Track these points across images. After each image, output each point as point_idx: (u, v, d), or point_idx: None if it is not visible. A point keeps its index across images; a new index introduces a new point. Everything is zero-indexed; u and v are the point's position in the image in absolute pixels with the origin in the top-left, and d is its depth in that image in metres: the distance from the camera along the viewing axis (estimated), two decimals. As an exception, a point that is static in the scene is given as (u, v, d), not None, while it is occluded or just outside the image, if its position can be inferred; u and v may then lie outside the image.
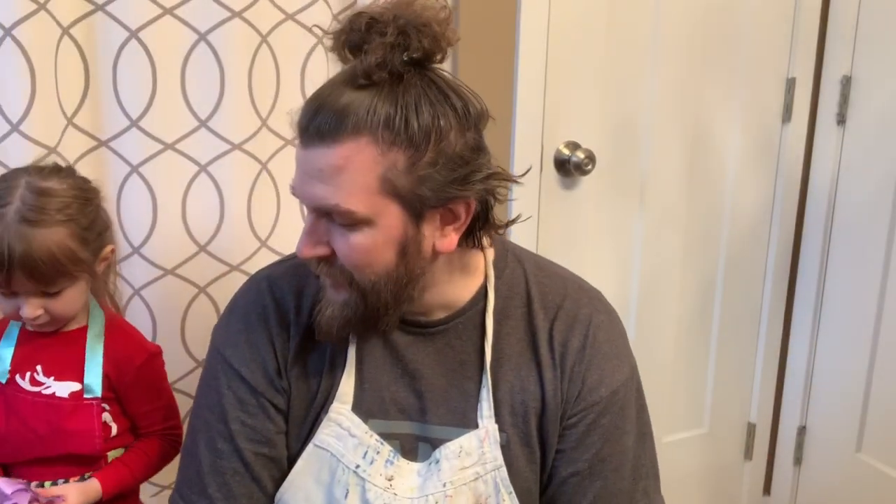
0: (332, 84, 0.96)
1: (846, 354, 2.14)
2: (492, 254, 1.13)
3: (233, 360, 1.11)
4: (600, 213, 1.97)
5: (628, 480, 1.14)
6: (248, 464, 1.11)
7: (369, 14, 0.94)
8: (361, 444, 1.09)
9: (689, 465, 2.27)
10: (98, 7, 1.41)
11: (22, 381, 1.24)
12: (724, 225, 2.13)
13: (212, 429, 1.12)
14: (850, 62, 2.05)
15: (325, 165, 0.94)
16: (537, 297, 1.12)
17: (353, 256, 0.98)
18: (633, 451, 1.14)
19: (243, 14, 1.50)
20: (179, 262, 1.56)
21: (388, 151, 0.93)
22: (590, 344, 1.11)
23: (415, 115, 0.93)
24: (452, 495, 1.08)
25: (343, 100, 0.93)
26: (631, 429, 1.14)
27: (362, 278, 1.00)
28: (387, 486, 1.09)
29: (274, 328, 1.11)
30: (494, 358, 1.10)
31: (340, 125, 0.92)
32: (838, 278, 2.15)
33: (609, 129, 1.93)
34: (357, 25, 0.94)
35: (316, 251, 0.99)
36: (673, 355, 2.16)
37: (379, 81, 0.93)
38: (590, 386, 1.10)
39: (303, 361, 1.11)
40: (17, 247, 1.11)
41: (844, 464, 2.17)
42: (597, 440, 1.11)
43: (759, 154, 2.12)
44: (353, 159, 0.93)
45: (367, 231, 0.96)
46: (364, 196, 0.94)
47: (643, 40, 1.92)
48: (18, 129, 1.35)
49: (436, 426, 1.11)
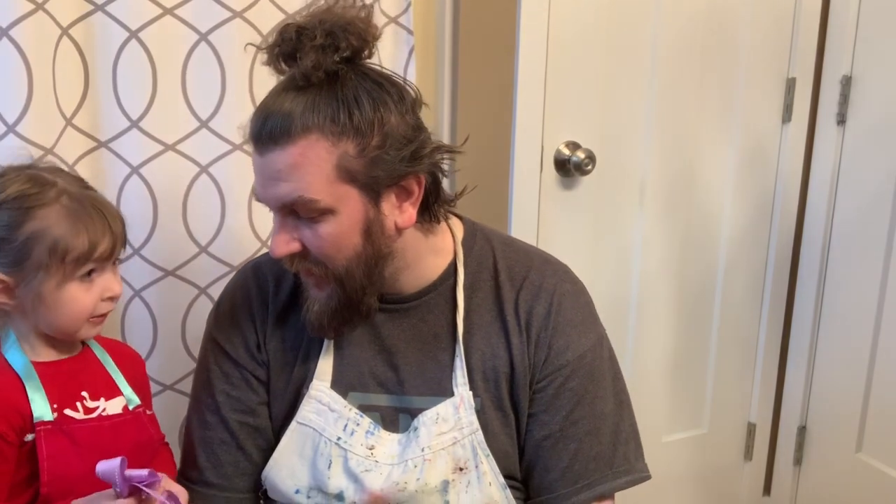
0: (275, 93, 1.05)
1: (846, 354, 2.14)
2: (461, 234, 1.20)
3: (219, 338, 1.22)
4: (600, 213, 1.97)
5: (607, 446, 1.18)
6: (233, 433, 1.20)
7: (297, 24, 1.02)
8: (341, 417, 1.16)
9: (689, 465, 2.27)
10: (98, 7, 1.41)
11: (75, 413, 1.13)
12: (723, 225, 2.13)
13: (201, 403, 1.23)
14: (850, 62, 2.05)
15: (283, 165, 1.02)
16: (504, 270, 1.19)
17: (324, 246, 1.06)
18: (611, 417, 1.19)
19: (244, 14, 1.50)
20: (180, 263, 1.55)
21: (338, 142, 1.01)
22: (555, 311, 1.16)
23: (356, 106, 1.02)
24: (431, 459, 1.14)
25: (287, 104, 1.01)
26: (605, 395, 1.19)
27: (336, 266, 1.07)
28: (367, 455, 1.15)
29: (255, 305, 1.21)
30: (465, 328, 1.17)
31: (290, 126, 1.00)
32: (838, 278, 2.15)
33: (609, 129, 1.93)
34: (287, 36, 1.02)
35: (289, 248, 1.06)
36: (672, 355, 2.16)
37: (317, 82, 1.02)
38: (556, 350, 1.16)
39: (280, 336, 1.20)
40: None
41: (844, 464, 2.17)
42: (566, 403, 1.16)
43: (759, 154, 2.12)
44: (308, 154, 1.01)
45: (332, 219, 1.04)
46: (323, 185, 1.02)
47: (643, 40, 1.92)
48: (14, 129, 1.34)
49: (414, 397, 1.17)
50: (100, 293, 1.12)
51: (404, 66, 1.68)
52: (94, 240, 1.09)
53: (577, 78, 1.86)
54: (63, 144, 1.42)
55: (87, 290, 1.11)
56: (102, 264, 1.12)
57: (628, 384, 2.08)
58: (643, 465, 1.22)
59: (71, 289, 1.09)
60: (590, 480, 1.16)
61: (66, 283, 1.09)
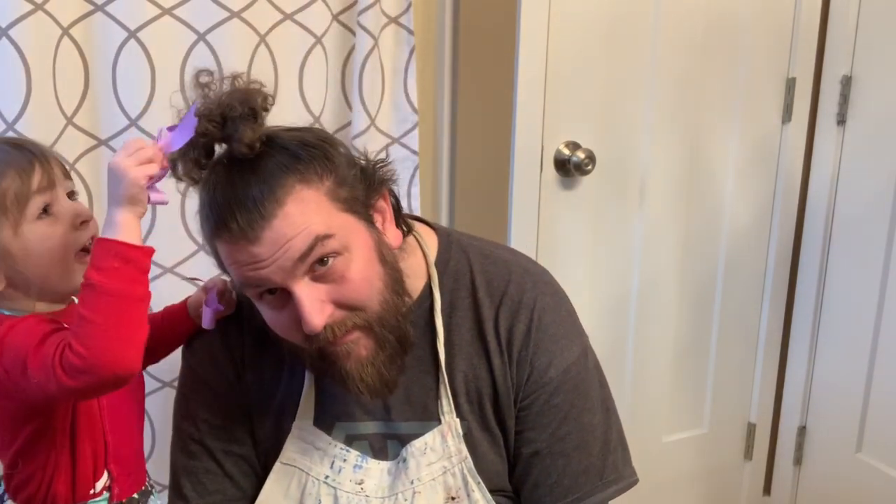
0: (223, 187, 0.97)
1: (846, 354, 2.14)
2: (434, 248, 1.16)
3: (196, 367, 1.18)
4: (600, 213, 1.97)
5: (596, 457, 1.16)
6: (219, 462, 1.18)
7: (207, 114, 0.98)
8: (326, 455, 1.14)
9: (689, 465, 2.27)
10: (97, 7, 1.41)
11: None
12: (724, 224, 2.13)
13: (183, 433, 1.19)
14: (850, 62, 2.05)
15: (287, 226, 0.96)
16: (482, 285, 1.15)
17: (358, 288, 1.00)
18: (600, 427, 1.16)
19: (242, 14, 1.50)
20: (179, 260, 1.56)
21: (319, 182, 0.98)
22: (535, 328, 1.13)
23: (304, 149, 0.98)
24: (421, 491, 1.12)
25: (251, 183, 0.96)
26: (593, 406, 1.16)
27: (373, 307, 1.02)
28: (357, 490, 1.13)
29: (231, 334, 1.16)
30: (447, 350, 1.13)
31: (274, 193, 0.95)
32: (838, 278, 2.15)
33: (609, 129, 1.93)
34: (210, 125, 0.98)
35: (326, 313, 0.99)
36: (673, 355, 2.16)
37: (260, 150, 0.97)
38: (539, 368, 1.13)
39: (258, 364, 1.16)
40: None
41: (844, 464, 2.17)
42: (552, 420, 1.13)
43: (759, 154, 2.12)
44: (303, 204, 0.96)
45: (352, 258, 0.99)
46: (330, 221, 0.97)
47: (643, 40, 1.92)
48: (14, 128, 1.35)
49: (401, 423, 1.14)
50: (69, 222, 1.06)
51: (405, 66, 1.68)
52: (23, 174, 1.03)
53: (577, 78, 1.86)
54: (64, 142, 1.43)
55: (52, 223, 1.05)
56: (51, 195, 1.06)
57: (628, 384, 2.10)
58: (631, 470, 1.20)
59: (34, 229, 1.04)
60: (580, 494, 1.14)
61: (23, 225, 1.04)
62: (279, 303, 1.00)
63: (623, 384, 2.10)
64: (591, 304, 2.00)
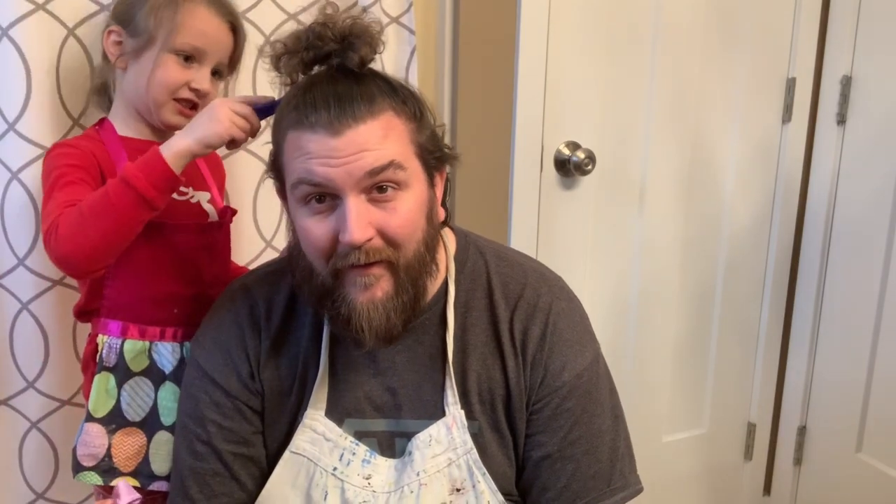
0: (324, 84, 1.02)
1: (846, 354, 2.14)
2: (453, 247, 1.18)
3: (206, 366, 1.16)
4: (600, 213, 1.97)
5: (605, 463, 1.16)
6: (227, 464, 1.16)
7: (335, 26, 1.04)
8: (337, 446, 1.14)
9: (689, 465, 2.27)
10: (103, 7, 1.41)
11: None
12: (724, 224, 2.14)
13: (190, 433, 1.17)
14: (850, 62, 2.05)
15: (371, 136, 1.00)
16: (498, 287, 1.16)
17: (404, 224, 1.03)
18: (609, 434, 1.17)
19: (247, 14, 1.50)
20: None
21: (407, 121, 1.04)
22: (550, 332, 1.14)
23: (403, 91, 1.05)
24: (427, 483, 1.12)
25: (356, 87, 1.01)
26: (603, 412, 1.17)
27: (408, 250, 1.04)
28: (364, 485, 1.13)
29: (246, 332, 1.16)
30: (461, 349, 1.14)
31: (372, 103, 1.00)
32: (838, 278, 2.15)
33: (609, 129, 1.93)
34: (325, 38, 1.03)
35: (369, 232, 1.01)
36: (673, 355, 2.16)
37: (366, 73, 1.04)
38: (553, 372, 1.13)
39: (275, 364, 1.16)
40: None
41: (844, 464, 2.18)
42: (564, 424, 1.14)
43: (759, 154, 2.12)
44: (391, 126, 1.01)
45: (408, 196, 1.03)
46: (407, 155, 1.03)
47: (643, 40, 1.92)
48: (14, 128, 1.35)
49: (410, 420, 1.14)
50: (188, 77, 1.23)
51: (406, 66, 1.68)
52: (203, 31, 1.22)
53: (577, 77, 1.86)
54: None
55: (179, 67, 1.22)
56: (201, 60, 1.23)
57: (629, 385, 2.11)
58: (636, 477, 1.20)
59: (165, 59, 1.21)
60: (588, 499, 1.14)
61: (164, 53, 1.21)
62: (323, 211, 1.02)
63: (623, 384, 2.08)
64: (591, 303, 1.99)
